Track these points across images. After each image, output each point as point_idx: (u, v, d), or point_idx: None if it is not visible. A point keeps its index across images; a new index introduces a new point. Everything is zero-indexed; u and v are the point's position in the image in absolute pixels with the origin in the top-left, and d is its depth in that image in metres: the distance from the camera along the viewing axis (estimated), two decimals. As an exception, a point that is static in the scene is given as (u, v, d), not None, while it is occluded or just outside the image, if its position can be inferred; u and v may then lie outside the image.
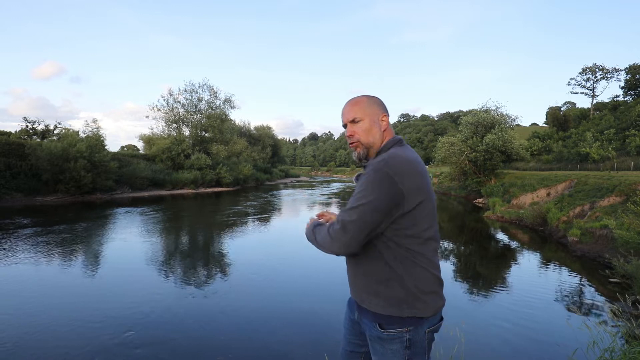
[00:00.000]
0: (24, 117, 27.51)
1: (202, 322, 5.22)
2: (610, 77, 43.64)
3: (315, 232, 1.45)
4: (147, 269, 7.91)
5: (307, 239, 1.52)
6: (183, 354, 4.35)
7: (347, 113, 1.49)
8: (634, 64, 40.40)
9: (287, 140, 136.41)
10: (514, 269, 8.85)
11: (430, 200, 1.36)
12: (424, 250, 1.36)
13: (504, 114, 25.66)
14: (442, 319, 1.47)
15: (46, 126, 27.51)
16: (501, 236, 13.23)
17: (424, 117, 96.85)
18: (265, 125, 58.12)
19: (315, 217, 1.61)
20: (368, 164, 1.38)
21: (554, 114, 45.57)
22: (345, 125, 1.51)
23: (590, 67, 44.16)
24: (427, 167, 1.85)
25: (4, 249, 9.13)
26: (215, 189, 31.64)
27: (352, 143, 1.49)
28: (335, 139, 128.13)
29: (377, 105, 1.50)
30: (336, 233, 1.32)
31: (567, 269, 8.55)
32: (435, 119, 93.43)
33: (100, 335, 4.74)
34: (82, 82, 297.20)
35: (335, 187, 39.32)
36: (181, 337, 4.77)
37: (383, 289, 1.37)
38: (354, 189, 1.38)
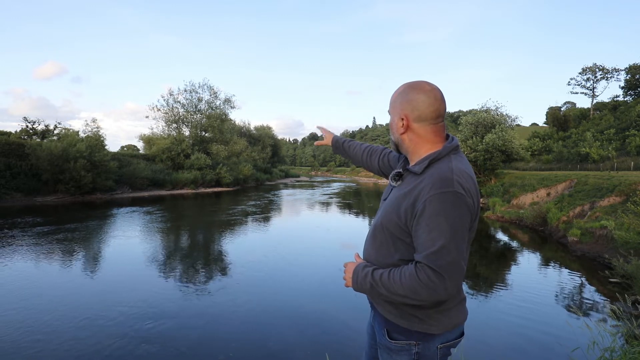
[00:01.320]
0: (24, 117, 27.51)
1: (204, 322, 5.22)
2: (610, 77, 43.62)
3: (384, 282, 1.21)
4: (148, 269, 7.91)
5: (358, 289, 1.29)
6: (184, 354, 4.36)
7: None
8: (634, 64, 40.41)
9: (287, 140, 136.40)
10: (514, 269, 8.85)
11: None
12: None
13: (504, 114, 25.67)
14: (462, 334, 1.34)
15: (46, 126, 27.51)
16: (501, 236, 13.23)
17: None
18: (265, 125, 58.13)
19: (358, 259, 1.40)
20: (415, 176, 1.23)
21: (554, 114, 45.56)
22: None
23: (590, 67, 44.14)
24: None
25: (4, 249, 9.13)
26: (215, 189, 31.63)
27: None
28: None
29: (406, 100, 1.27)
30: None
31: (567, 269, 8.55)
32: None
33: (102, 334, 4.75)
34: (82, 82, 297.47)
35: (336, 187, 39.33)
36: (182, 336, 4.77)
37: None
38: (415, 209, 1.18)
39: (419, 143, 1.27)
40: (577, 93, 48.30)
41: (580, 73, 45.21)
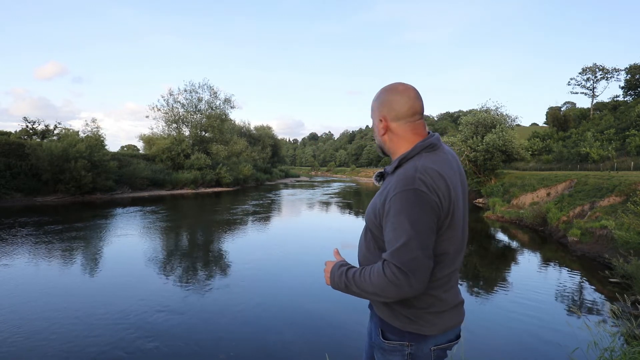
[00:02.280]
0: (24, 117, 27.53)
1: (204, 321, 5.23)
2: (610, 77, 43.65)
3: (356, 281, 1.23)
4: (148, 268, 7.91)
5: (335, 288, 1.31)
6: (185, 353, 4.36)
7: None
8: (634, 64, 40.44)
9: (287, 140, 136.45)
10: (514, 269, 8.85)
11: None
12: (439, 269, 1.23)
13: (504, 114, 25.67)
14: (458, 337, 1.34)
15: (46, 126, 27.53)
16: (501, 236, 13.23)
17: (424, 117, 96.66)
18: (265, 125, 58.17)
19: (337, 257, 1.41)
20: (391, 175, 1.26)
21: (554, 114, 45.58)
22: None
23: (590, 67, 44.15)
24: None
25: (5, 249, 9.13)
26: (215, 189, 31.63)
27: None
28: (335, 139, 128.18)
29: (382, 104, 1.31)
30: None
31: (567, 269, 8.55)
32: (435, 119, 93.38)
33: (103, 334, 4.75)
34: (83, 82, 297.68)
35: (336, 187, 39.34)
36: (183, 335, 4.77)
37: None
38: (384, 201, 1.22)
39: (399, 142, 1.31)
40: (577, 93, 48.38)
41: (580, 73, 45.26)
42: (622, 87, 41.99)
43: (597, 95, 45.27)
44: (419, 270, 1.12)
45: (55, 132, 27.13)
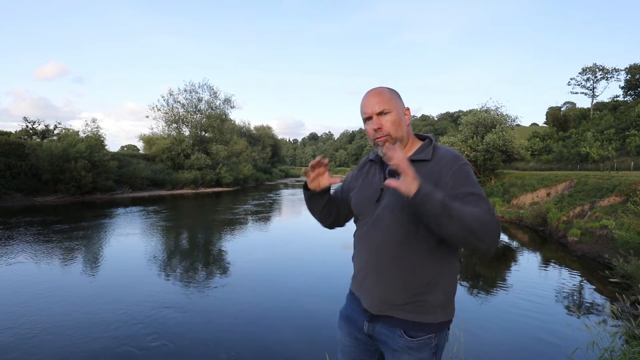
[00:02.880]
0: (24, 117, 27.52)
1: (205, 321, 5.23)
2: (610, 77, 43.63)
3: (456, 205, 1.10)
4: (148, 268, 7.91)
5: (420, 201, 1.09)
6: (185, 352, 4.36)
7: (374, 104, 1.32)
8: (634, 64, 40.43)
9: (287, 140, 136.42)
10: (513, 269, 8.85)
11: None
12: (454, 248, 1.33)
13: (504, 114, 25.66)
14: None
15: (46, 126, 27.52)
16: (501, 236, 13.22)
17: (423, 117, 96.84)
18: (265, 125, 58.18)
19: (398, 151, 1.15)
20: (425, 161, 1.31)
21: (554, 114, 45.57)
22: (368, 118, 1.35)
23: (590, 67, 44.14)
24: None
25: (5, 249, 9.13)
26: (215, 189, 31.63)
27: (380, 137, 1.32)
28: (335, 139, 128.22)
29: (399, 98, 1.40)
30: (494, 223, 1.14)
31: (567, 269, 8.55)
32: (435, 119, 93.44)
33: (103, 334, 4.75)
34: (84, 83, 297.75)
35: (336, 187, 39.24)
36: (183, 335, 4.77)
37: (426, 293, 1.26)
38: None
39: (411, 135, 1.41)
40: (577, 93, 48.39)
41: (580, 73, 45.25)
42: (622, 87, 41.98)
43: (597, 95, 45.30)
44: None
45: (55, 132, 27.13)
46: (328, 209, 1.59)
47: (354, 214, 1.53)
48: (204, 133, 35.85)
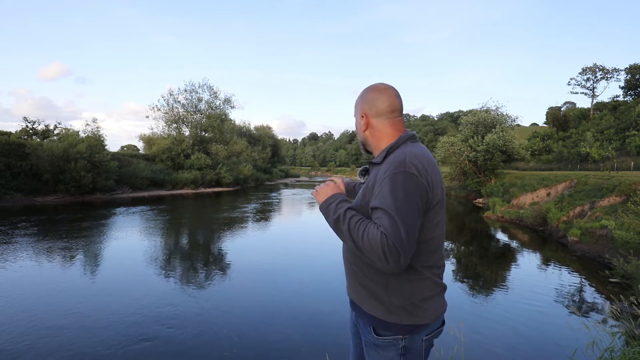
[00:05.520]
0: (24, 117, 27.50)
1: (204, 320, 5.23)
2: (610, 77, 43.59)
3: (351, 225, 1.22)
4: (148, 268, 7.91)
5: (324, 211, 1.32)
6: (185, 351, 4.36)
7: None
8: (634, 64, 40.41)
9: (287, 140, 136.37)
10: (513, 269, 8.85)
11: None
12: (429, 254, 1.29)
13: (504, 114, 25.67)
14: (443, 323, 1.40)
15: (46, 126, 27.50)
16: (501, 236, 13.23)
17: (424, 117, 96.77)
18: (265, 125, 58.22)
19: (341, 186, 1.43)
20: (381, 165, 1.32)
21: (554, 114, 45.55)
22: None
23: (590, 67, 44.11)
24: None
25: (5, 249, 9.13)
26: (215, 189, 31.64)
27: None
28: (335, 139, 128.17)
29: (360, 101, 1.42)
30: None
31: (567, 269, 8.55)
32: (435, 119, 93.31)
33: (104, 334, 4.75)
34: (86, 83, 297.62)
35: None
36: (186, 334, 4.78)
37: (383, 293, 1.29)
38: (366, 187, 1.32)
39: (380, 137, 1.38)
40: (577, 93, 48.34)
41: (580, 73, 45.19)
42: (622, 87, 41.95)
43: (597, 95, 45.25)
44: (409, 251, 1.15)
45: (56, 132, 27.11)
46: None
47: None
48: (204, 133, 35.85)
